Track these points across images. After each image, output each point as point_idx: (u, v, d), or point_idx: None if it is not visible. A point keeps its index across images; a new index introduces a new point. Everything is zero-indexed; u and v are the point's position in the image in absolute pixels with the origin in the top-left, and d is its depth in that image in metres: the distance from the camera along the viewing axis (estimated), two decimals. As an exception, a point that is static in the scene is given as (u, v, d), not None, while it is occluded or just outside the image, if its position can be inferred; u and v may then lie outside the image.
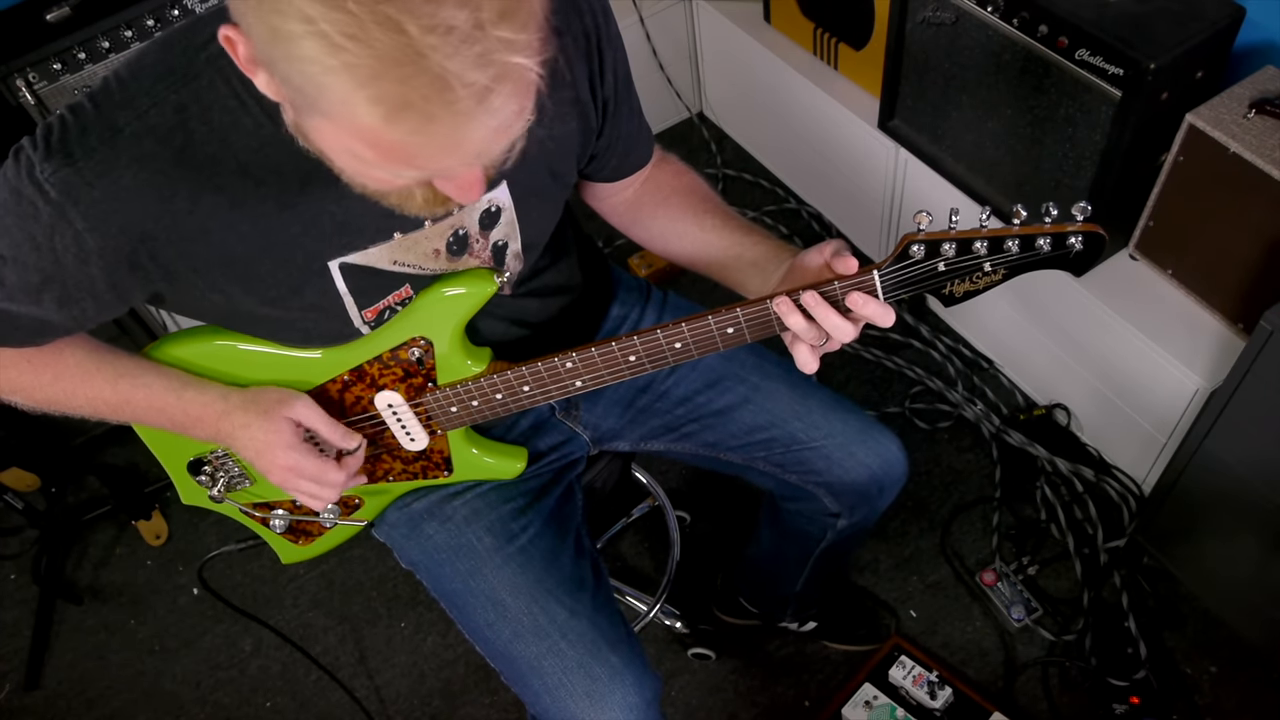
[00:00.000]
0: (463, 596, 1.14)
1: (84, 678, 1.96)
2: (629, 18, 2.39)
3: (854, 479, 1.26)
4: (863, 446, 1.25)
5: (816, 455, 1.25)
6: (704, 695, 1.77)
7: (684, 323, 0.94)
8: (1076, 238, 0.84)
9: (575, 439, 1.27)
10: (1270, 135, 1.38)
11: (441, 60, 0.59)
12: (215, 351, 1.02)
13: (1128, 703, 1.64)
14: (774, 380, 1.27)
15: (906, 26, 1.74)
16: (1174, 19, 1.41)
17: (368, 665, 1.90)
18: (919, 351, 2.16)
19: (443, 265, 0.98)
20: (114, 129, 0.79)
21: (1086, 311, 1.72)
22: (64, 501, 2.19)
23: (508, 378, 1.01)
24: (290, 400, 1.00)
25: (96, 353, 1.01)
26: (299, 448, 1.00)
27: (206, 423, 1.02)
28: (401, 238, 0.93)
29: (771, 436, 1.25)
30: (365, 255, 0.92)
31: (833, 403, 1.28)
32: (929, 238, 0.87)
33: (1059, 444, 1.94)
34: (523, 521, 1.16)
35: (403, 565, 1.21)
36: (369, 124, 0.63)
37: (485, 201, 0.95)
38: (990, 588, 1.80)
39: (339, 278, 0.92)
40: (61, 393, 1.01)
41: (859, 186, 2.18)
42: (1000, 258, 0.87)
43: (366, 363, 1.03)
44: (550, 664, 1.08)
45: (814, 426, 1.25)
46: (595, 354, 0.97)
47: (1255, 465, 1.42)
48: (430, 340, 1.01)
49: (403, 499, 1.19)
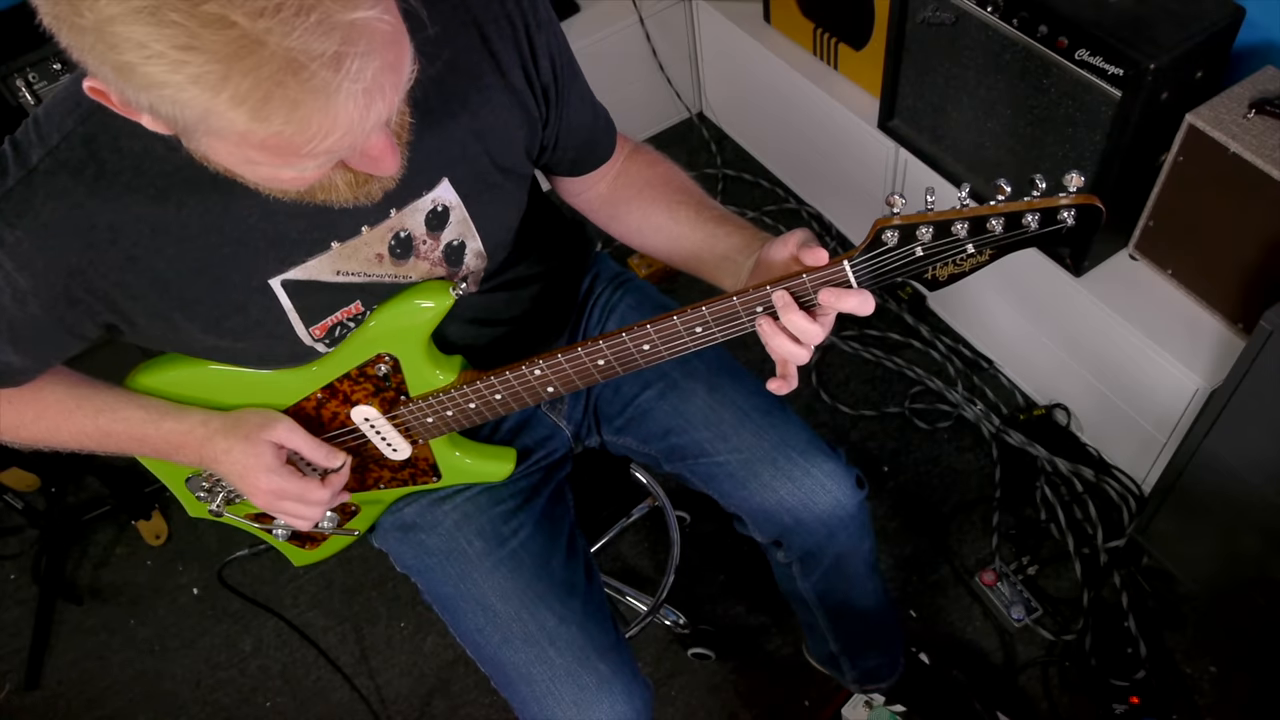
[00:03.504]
0: (454, 601, 1.13)
1: (84, 678, 1.96)
2: (629, 18, 2.39)
3: (759, 505, 1.15)
4: (770, 468, 1.13)
5: (721, 472, 1.15)
6: (704, 695, 1.77)
7: (649, 324, 0.90)
8: (1068, 211, 0.76)
9: (558, 434, 1.26)
10: (1270, 135, 1.38)
11: (280, 41, 0.57)
12: (188, 377, 1.01)
13: (1128, 703, 1.64)
14: (693, 379, 1.18)
15: (906, 26, 1.74)
16: (1174, 19, 1.41)
17: (368, 665, 1.90)
18: (919, 351, 2.17)
19: (389, 270, 0.95)
20: (28, 168, 0.79)
21: (1086, 311, 1.72)
22: (64, 501, 2.19)
23: (478, 387, 0.99)
24: (271, 423, 0.99)
25: (76, 388, 1.00)
26: (280, 470, 0.99)
27: (188, 450, 1.01)
28: (340, 246, 0.90)
29: (680, 443, 1.17)
30: (306, 269, 0.90)
31: (755, 412, 1.15)
32: (903, 222, 0.80)
33: (1059, 444, 1.94)
34: (514, 524, 1.15)
35: (399, 570, 1.21)
36: (241, 127, 0.61)
37: (429, 202, 0.93)
38: (990, 588, 1.80)
39: (283, 295, 0.91)
40: (45, 430, 1.01)
41: (859, 187, 2.18)
42: (984, 238, 0.79)
43: (336, 380, 1.02)
44: (538, 671, 1.08)
45: (720, 438, 1.15)
46: (563, 360, 0.94)
47: (1255, 465, 1.42)
48: (395, 356, 1.00)
49: (395, 505, 1.19)
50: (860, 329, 2.21)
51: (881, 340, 2.19)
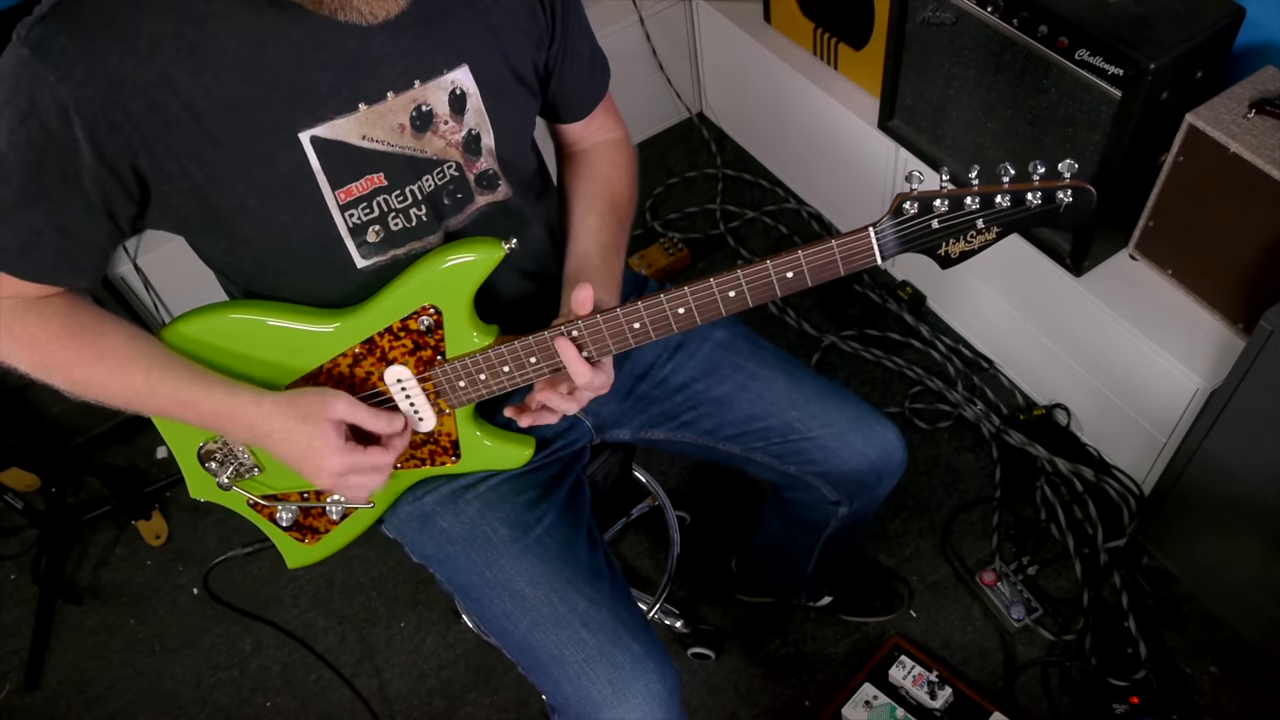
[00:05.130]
0: (479, 588, 1.14)
1: (84, 678, 1.96)
2: (629, 18, 2.39)
3: (852, 468, 1.27)
4: (859, 435, 1.26)
5: (813, 445, 1.26)
6: (704, 695, 1.77)
7: (686, 287, 0.96)
8: (1065, 192, 0.86)
9: (579, 425, 1.27)
10: (1270, 135, 1.38)
11: None
12: (226, 327, 1.02)
13: (1128, 703, 1.64)
14: (770, 369, 1.27)
15: (906, 26, 1.74)
16: (1174, 19, 1.41)
17: (367, 665, 1.90)
18: (919, 351, 2.17)
19: (409, 142, 0.98)
20: None
21: (1086, 311, 1.72)
22: (64, 501, 2.19)
23: (515, 348, 1.02)
24: (330, 401, 1.00)
25: (135, 341, 1.01)
26: (346, 449, 1.00)
27: (239, 425, 1.01)
28: (367, 110, 0.94)
29: (768, 425, 1.25)
30: (333, 128, 0.93)
31: (829, 391, 1.28)
32: (922, 195, 0.88)
33: (1059, 444, 1.94)
34: (537, 513, 1.16)
35: (414, 560, 1.21)
36: None
37: (449, 82, 0.98)
38: (990, 588, 1.80)
39: (311, 153, 0.93)
40: (98, 376, 1.00)
41: (859, 186, 2.18)
42: (992, 213, 0.88)
43: (377, 334, 1.03)
44: (571, 653, 1.09)
45: (810, 416, 1.25)
46: (600, 320, 0.99)
47: (1255, 465, 1.42)
48: (440, 309, 1.02)
49: (414, 492, 1.19)
50: (860, 329, 2.21)
51: (881, 340, 2.19)
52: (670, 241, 2.40)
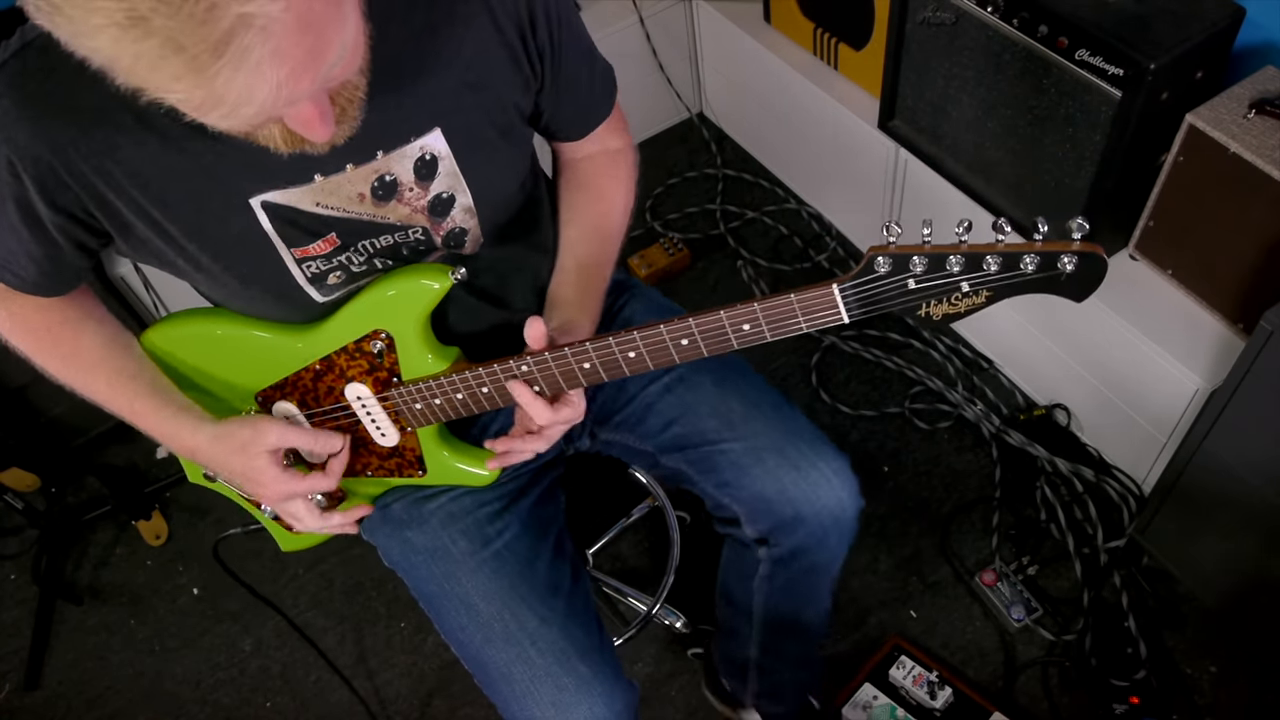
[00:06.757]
0: (438, 600, 1.14)
1: (84, 678, 1.96)
2: (629, 18, 2.39)
3: (759, 492, 1.13)
4: (777, 456, 1.12)
5: (724, 459, 1.14)
6: (704, 695, 1.77)
7: (635, 331, 0.90)
8: (1070, 258, 0.73)
9: None
10: (1270, 135, 1.38)
11: (164, 21, 0.59)
12: (194, 336, 1.04)
13: (1128, 703, 1.64)
14: (701, 372, 1.18)
15: (906, 26, 1.74)
16: (1174, 19, 1.41)
17: (368, 665, 1.90)
18: (919, 351, 2.17)
19: (369, 210, 0.95)
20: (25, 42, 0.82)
21: (1086, 311, 1.72)
22: (64, 501, 2.19)
23: (466, 378, 1.00)
24: (261, 434, 0.99)
25: (110, 344, 1.03)
26: (283, 477, 1.01)
27: (179, 445, 1.03)
28: (323, 180, 0.91)
29: (683, 431, 1.17)
30: (286, 195, 0.91)
31: (763, 404, 1.15)
32: (898, 251, 0.77)
33: (1059, 444, 1.94)
34: (499, 525, 1.15)
35: (385, 565, 1.21)
36: (141, 84, 0.64)
37: (416, 149, 0.93)
38: (990, 588, 1.80)
39: (263, 216, 0.91)
40: (68, 374, 1.03)
41: (859, 187, 2.18)
42: (978, 277, 0.76)
43: (334, 353, 1.03)
44: (519, 671, 1.08)
45: (728, 425, 1.14)
46: (549, 359, 0.94)
47: (1255, 465, 1.42)
48: (391, 334, 1.00)
49: (383, 499, 1.19)
50: (860, 329, 2.21)
51: (881, 340, 2.19)
52: (670, 241, 2.40)
